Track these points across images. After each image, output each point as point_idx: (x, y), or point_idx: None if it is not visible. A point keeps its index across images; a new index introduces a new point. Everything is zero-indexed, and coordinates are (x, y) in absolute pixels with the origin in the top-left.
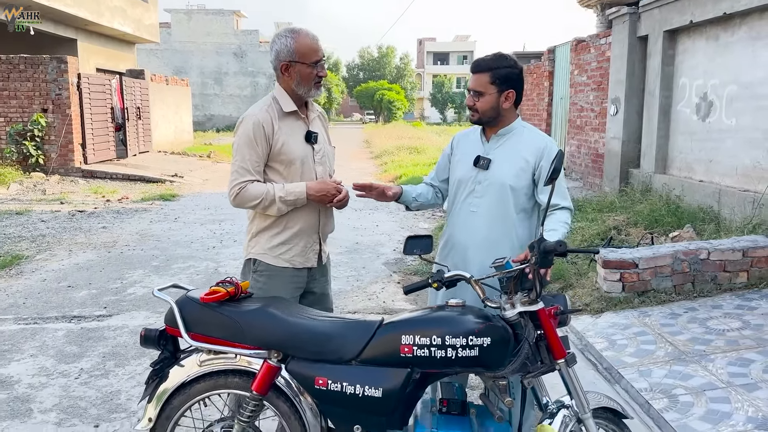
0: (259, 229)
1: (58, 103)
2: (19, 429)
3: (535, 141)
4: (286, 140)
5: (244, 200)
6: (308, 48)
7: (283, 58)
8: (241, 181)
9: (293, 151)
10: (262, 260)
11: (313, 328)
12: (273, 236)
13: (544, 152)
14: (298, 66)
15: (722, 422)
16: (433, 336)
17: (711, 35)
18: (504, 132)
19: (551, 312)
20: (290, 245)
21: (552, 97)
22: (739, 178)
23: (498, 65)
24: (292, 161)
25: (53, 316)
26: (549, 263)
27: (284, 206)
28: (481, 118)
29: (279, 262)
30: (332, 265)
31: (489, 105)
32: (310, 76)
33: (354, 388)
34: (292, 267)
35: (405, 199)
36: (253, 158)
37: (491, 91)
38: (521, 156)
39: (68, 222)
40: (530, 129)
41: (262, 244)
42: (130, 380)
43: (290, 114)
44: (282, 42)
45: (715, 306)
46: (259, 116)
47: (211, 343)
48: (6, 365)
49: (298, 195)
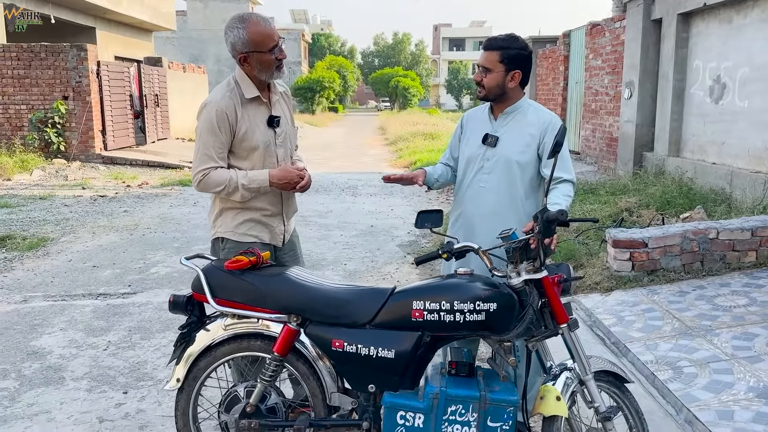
0: (223, 208)
1: (78, 91)
2: (53, 395)
3: (540, 117)
4: (249, 127)
5: (208, 186)
6: (262, 35)
7: (239, 49)
8: (204, 168)
9: (255, 138)
10: (229, 238)
11: (330, 294)
12: (237, 214)
13: (548, 127)
14: (255, 55)
15: (724, 391)
16: (442, 301)
17: (724, 18)
18: (510, 110)
19: (555, 280)
20: (254, 223)
21: (567, 82)
22: (751, 160)
23: (509, 45)
24: (255, 147)
25: (80, 294)
26: (552, 232)
27: (247, 193)
28: (487, 94)
29: (245, 238)
30: (348, 247)
31: (495, 82)
32: (270, 62)
33: (368, 350)
34: (260, 242)
35: (428, 180)
36: (216, 145)
37: (499, 69)
38: (527, 132)
39: (90, 206)
40: (535, 106)
41: (228, 223)
42: (155, 352)
43: (252, 100)
44: (235, 34)
45: (723, 284)
46: (221, 103)
47: (235, 308)
48: (38, 338)
49: (261, 183)
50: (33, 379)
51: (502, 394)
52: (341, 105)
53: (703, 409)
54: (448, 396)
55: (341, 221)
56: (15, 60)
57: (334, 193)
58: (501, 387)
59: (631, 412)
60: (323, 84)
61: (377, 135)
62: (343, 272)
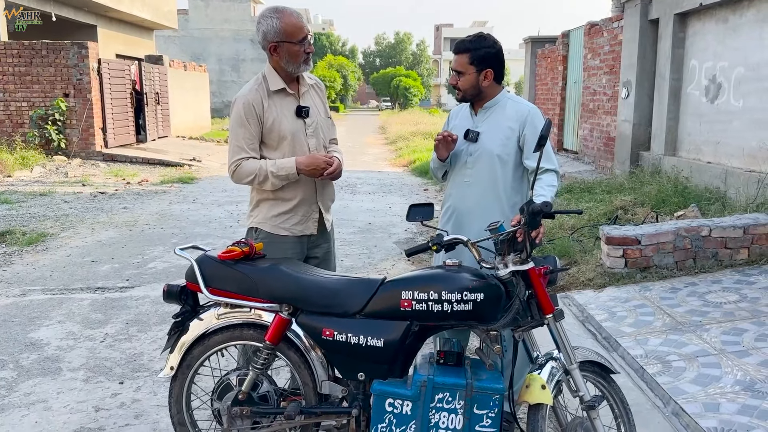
0: (260, 199)
1: (79, 88)
2: (50, 385)
3: (518, 109)
4: (276, 117)
5: (241, 176)
6: (294, 27)
7: (271, 38)
8: (237, 159)
9: (283, 128)
10: (263, 228)
11: (321, 284)
12: (272, 206)
13: (527, 119)
14: (285, 45)
15: (711, 385)
16: (430, 291)
17: (720, 18)
18: (489, 105)
19: (541, 271)
20: (289, 215)
21: (566, 82)
22: (745, 159)
23: (476, 46)
24: (284, 137)
25: (78, 287)
26: (537, 224)
27: (277, 181)
28: (464, 96)
29: (278, 230)
30: (345, 244)
31: (469, 84)
32: (299, 54)
33: (358, 339)
34: (292, 235)
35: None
36: (247, 136)
37: (470, 71)
38: (506, 126)
39: (90, 203)
40: (514, 99)
41: (264, 214)
42: (152, 344)
43: (279, 92)
44: (268, 23)
45: (714, 281)
46: (248, 96)
47: (228, 297)
48: (36, 330)
49: (289, 170)
50: (30, 370)
51: (488, 382)
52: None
53: (690, 402)
54: (435, 384)
55: (339, 218)
56: (16, 57)
57: None
58: (488, 376)
59: (617, 401)
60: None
61: (377, 134)
62: (340, 268)
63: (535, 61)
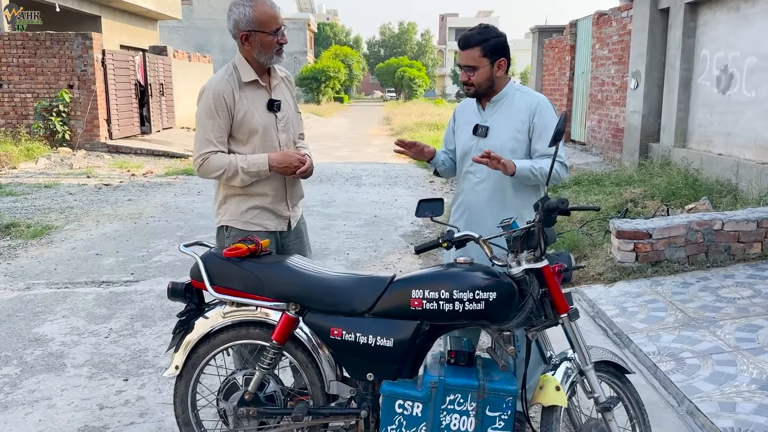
0: (227, 195)
1: (83, 79)
2: (54, 381)
3: (527, 100)
4: (248, 110)
5: (208, 171)
6: (267, 16)
7: (242, 27)
8: (204, 152)
9: (255, 121)
10: (234, 226)
11: (329, 282)
12: (241, 201)
13: (536, 109)
14: (258, 35)
15: (727, 383)
16: (441, 290)
17: (732, 6)
18: (497, 98)
19: (555, 269)
20: (260, 210)
21: (573, 72)
22: (757, 151)
23: (485, 37)
24: (254, 130)
25: (83, 281)
26: (552, 221)
27: (247, 177)
28: (477, 91)
29: (250, 226)
30: (351, 237)
31: (484, 77)
32: (271, 44)
33: (367, 339)
34: (265, 230)
35: (436, 160)
36: (215, 129)
37: (484, 64)
38: (516, 118)
39: (95, 195)
40: (522, 90)
41: (232, 211)
42: (157, 339)
43: (251, 83)
44: (240, 11)
45: (727, 276)
46: (219, 87)
47: (234, 296)
48: (40, 325)
49: (260, 167)
50: (35, 366)
51: (500, 383)
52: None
53: (705, 401)
54: (446, 385)
55: (345, 211)
56: (20, 48)
57: (338, 182)
58: (500, 377)
59: (632, 402)
60: (328, 74)
61: (382, 125)
62: (346, 262)
63: (542, 51)
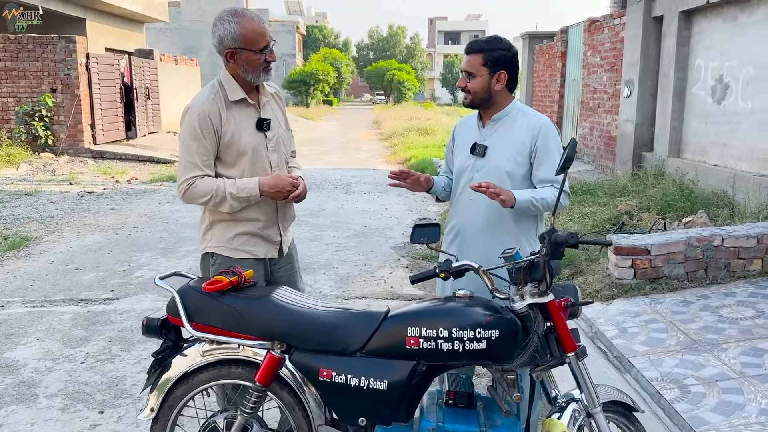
0: (214, 220)
1: (67, 83)
2: (24, 414)
3: (530, 122)
4: (236, 131)
5: (194, 197)
6: (255, 33)
7: (227, 44)
8: (190, 177)
9: (243, 142)
10: (219, 253)
11: (317, 319)
12: (228, 227)
13: (539, 132)
14: (244, 53)
15: (735, 414)
16: (439, 328)
17: (728, 16)
18: (498, 117)
19: (561, 304)
20: (248, 236)
21: (564, 79)
22: (754, 163)
23: (491, 47)
24: (243, 152)
25: (60, 299)
26: (560, 255)
27: (236, 203)
28: (473, 100)
29: (237, 254)
30: (341, 249)
31: (480, 86)
32: (258, 63)
33: (359, 381)
34: (253, 258)
35: (435, 189)
36: (201, 152)
37: (482, 73)
38: (518, 140)
39: (77, 203)
40: (525, 110)
41: (219, 237)
42: (135, 365)
43: (238, 102)
44: (225, 27)
45: (728, 294)
46: (204, 107)
47: (214, 333)
48: (13, 349)
49: (251, 191)
50: (4, 396)
51: (503, 429)
52: (336, 98)
53: None
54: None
55: (334, 221)
56: (2, 51)
57: (327, 190)
58: (503, 422)
59: None
60: (317, 77)
61: (372, 129)
62: (335, 276)
63: (532, 57)
